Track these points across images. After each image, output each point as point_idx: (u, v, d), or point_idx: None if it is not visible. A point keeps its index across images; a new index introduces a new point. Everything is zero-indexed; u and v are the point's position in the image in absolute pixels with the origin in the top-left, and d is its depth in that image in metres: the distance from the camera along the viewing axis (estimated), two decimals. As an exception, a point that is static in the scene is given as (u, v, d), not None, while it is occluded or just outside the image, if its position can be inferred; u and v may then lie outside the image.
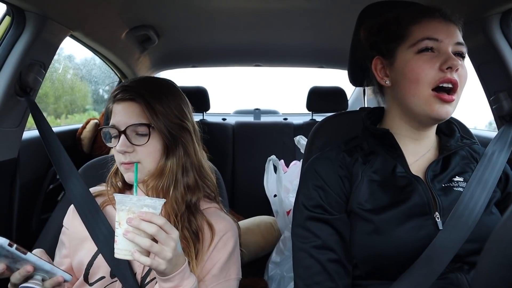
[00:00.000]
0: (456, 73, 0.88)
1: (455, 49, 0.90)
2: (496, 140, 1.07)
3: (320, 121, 1.30)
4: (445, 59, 0.87)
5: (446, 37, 0.90)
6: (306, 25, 2.10)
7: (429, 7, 0.95)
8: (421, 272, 0.84)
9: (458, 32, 0.92)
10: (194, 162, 1.03)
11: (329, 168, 0.97)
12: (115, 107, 1.00)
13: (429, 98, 0.89)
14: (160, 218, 0.78)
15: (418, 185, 0.92)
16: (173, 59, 2.82)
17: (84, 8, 1.55)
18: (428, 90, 0.88)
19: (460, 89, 0.90)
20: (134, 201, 0.78)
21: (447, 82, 0.87)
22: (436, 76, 0.88)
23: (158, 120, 0.97)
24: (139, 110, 0.97)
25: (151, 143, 0.98)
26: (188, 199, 1.00)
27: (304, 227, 0.95)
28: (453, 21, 0.93)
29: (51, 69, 1.51)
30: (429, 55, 0.89)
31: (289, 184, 2.19)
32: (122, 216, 0.78)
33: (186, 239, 0.96)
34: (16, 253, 0.77)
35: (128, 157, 0.97)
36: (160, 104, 0.98)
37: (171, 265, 0.81)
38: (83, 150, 2.16)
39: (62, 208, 1.17)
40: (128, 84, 1.01)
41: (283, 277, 1.81)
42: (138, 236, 0.76)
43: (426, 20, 0.92)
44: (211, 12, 1.93)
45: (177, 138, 1.00)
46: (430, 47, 0.89)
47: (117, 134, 0.98)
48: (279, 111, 4.02)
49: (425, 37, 0.90)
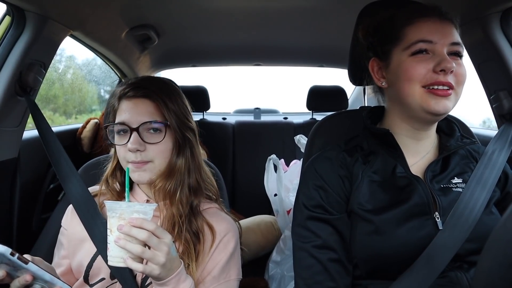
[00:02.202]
0: (450, 74, 0.87)
1: (450, 49, 0.89)
2: (496, 139, 1.07)
3: (320, 120, 1.30)
4: (439, 62, 0.87)
5: (440, 38, 0.89)
6: (306, 24, 2.10)
7: (424, 6, 0.94)
8: (421, 272, 0.84)
9: (454, 31, 0.91)
10: (197, 163, 1.03)
11: (329, 168, 0.97)
12: (124, 104, 0.98)
13: (423, 95, 0.88)
14: (151, 224, 0.78)
15: (418, 185, 0.92)
16: (173, 58, 2.83)
17: (84, 7, 1.55)
18: (420, 88, 0.88)
19: (458, 87, 0.89)
20: (124, 208, 0.78)
21: (438, 85, 0.87)
22: (429, 77, 0.88)
23: (172, 117, 0.97)
24: (152, 108, 0.96)
25: (165, 141, 0.97)
26: (191, 200, 0.99)
27: (305, 226, 0.95)
28: (449, 19, 0.92)
29: (60, 71, 1.52)
30: (423, 57, 0.89)
31: (290, 183, 2.19)
32: (113, 223, 0.78)
33: (187, 242, 0.95)
34: (18, 263, 0.76)
35: (140, 156, 0.95)
36: (171, 102, 0.98)
37: (166, 269, 0.80)
38: (83, 149, 2.16)
39: (63, 207, 1.17)
40: (136, 81, 1.00)
41: (284, 276, 1.82)
42: (129, 243, 0.76)
43: (421, 21, 0.91)
44: (211, 12, 1.93)
45: (186, 137, 1.00)
46: (424, 49, 0.89)
47: (127, 131, 0.96)
48: (279, 110, 4.02)
49: (419, 40, 0.89)
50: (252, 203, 2.48)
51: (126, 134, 0.96)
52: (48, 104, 2.92)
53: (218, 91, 4.17)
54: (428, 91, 0.88)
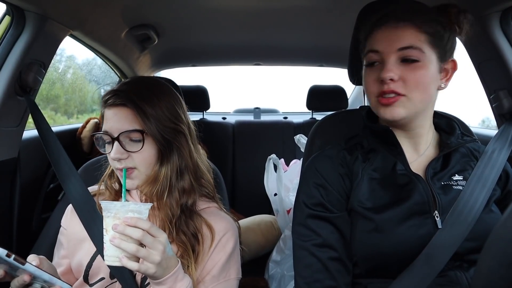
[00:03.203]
0: (394, 83, 0.88)
1: (399, 55, 0.89)
2: (496, 138, 1.07)
3: (320, 120, 1.30)
4: (380, 72, 0.89)
5: (386, 46, 0.89)
6: (306, 23, 2.10)
7: (384, 14, 0.92)
8: (420, 270, 0.85)
9: (407, 35, 0.88)
10: (189, 164, 1.01)
11: (329, 166, 0.97)
12: (106, 113, 0.97)
13: (376, 104, 0.93)
14: (146, 222, 0.78)
15: (418, 183, 0.92)
16: (173, 58, 2.82)
17: (83, 7, 1.55)
18: (374, 98, 0.93)
19: (411, 92, 0.88)
20: (119, 207, 0.78)
21: (384, 94, 0.90)
22: (376, 89, 0.91)
23: (151, 124, 0.94)
24: (131, 116, 0.94)
25: (146, 149, 0.95)
26: (183, 202, 0.98)
27: (305, 225, 0.95)
28: (408, 20, 0.89)
29: (60, 71, 1.52)
30: (375, 68, 0.92)
31: (289, 183, 2.19)
32: (108, 223, 0.79)
33: (183, 243, 0.94)
34: (14, 264, 0.76)
35: (124, 163, 0.95)
36: (151, 107, 0.94)
37: (162, 268, 0.80)
38: (83, 149, 2.16)
39: (63, 207, 1.17)
40: (118, 88, 0.98)
41: (284, 276, 1.81)
42: (124, 241, 0.76)
43: (375, 30, 0.93)
44: (211, 11, 1.93)
45: (171, 143, 0.97)
46: (374, 60, 0.92)
47: (110, 141, 0.96)
48: (279, 110, 4.02)
49: (369, 50, 0.93)
50: (252, 203, 2.47)
51: (111, 143, 0.96)
52: (49, 104, 2.93)
53: (218, 91, 4.17)
54: (378, 101, 0.92)
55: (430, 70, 0.90)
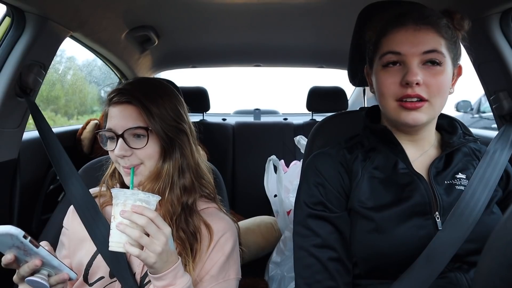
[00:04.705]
0: (419, 87, 0.86)
1: (423, 58, 0.88)
2: (497, 139, 1.07)
3: (320, 121, 1.30)
4: (404, 75, 0.87)
5: (410, 49, 0.87)
6: (306, 25, 2.10)
7: (401, 14, 0.91)
8: (420, 272, 0.84)
9: (431, 38, 0.88)
10: (191, 163, 1.03)
11: (329, 165, 0.98)
12: (111, 110, 0.99)
13: (396, 108, 0.90)
14: (152, 212, 0.80)
15: (420, 183, 0.92)
16: (173, 59, 2.83)
17: (84, 9, 1.55)
18: (394, 102, 0.90)
19: (433, 97, 0.88)
20: (128, 195, 0.81)
21: (407, 97, 0.87)
22: (398, 91, 0.88)
23: (155, 122, 0.96)
24: (136, 113, 0.96)
25: (150, 146, 0.97)
26: (184, 200, 0.99)
27: (305, 225, 0.95)
28: (429, 24, 0.89)
29: (61, 72, 1.52)
30: (393, 69, 0.89)
31: (289, 184, 2.19)
32: (116, 210, 0.81)
33: (182, 241, 0.95)
34: (29, 246, 0.78)
35: (128, 161, 0.97)
36: (156, 106, 0.97)
37: (162, 261, 0.82)
38: (83, 150, 2.16)
39: (63, 208, 1.17)
40: (124, 86, 1.00)
41: (284, 277, 1.81)
42: (129, 227, 0.79)
43: (394, 31, 0.90)
44: (211, 12, 1.93)
45: (174, 141, 0.99)
46: (393, 61, 0.89)
47: (114, 138, 0.97)
48: (279, 111, 4.03)
49: (388, 51, 0.90)
50: (252, 204, 2.48)
51: (114, 140, 0.97)
52: (50, 105, 2.93)
53: (218, 92, 4.17)
54: (399, 105, 0.89)
55: (448, 75, 0.90)
